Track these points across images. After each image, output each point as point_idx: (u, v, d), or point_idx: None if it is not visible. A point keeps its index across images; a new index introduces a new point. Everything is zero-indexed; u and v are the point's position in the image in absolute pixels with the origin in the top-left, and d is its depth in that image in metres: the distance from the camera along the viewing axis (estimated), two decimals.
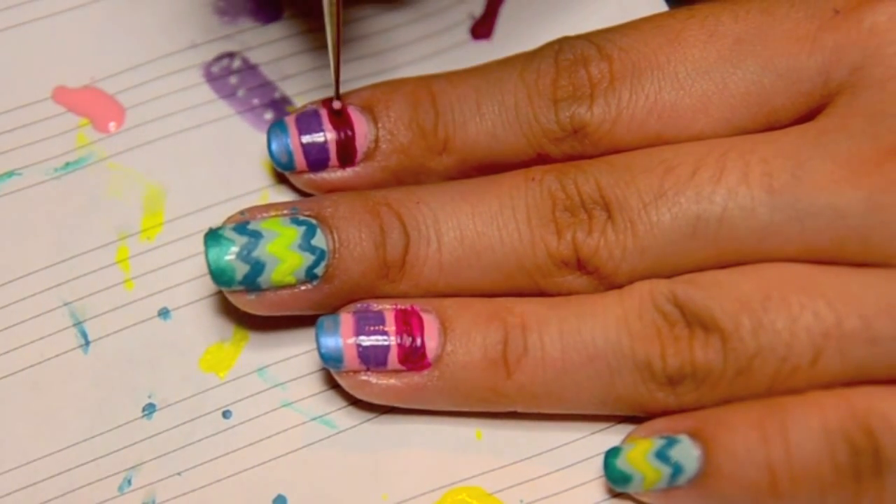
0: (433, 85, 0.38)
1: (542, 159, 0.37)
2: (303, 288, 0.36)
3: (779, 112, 0.36)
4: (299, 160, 0.38)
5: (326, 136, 0.37)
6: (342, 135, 0.37)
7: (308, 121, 0.38)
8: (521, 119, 0.37)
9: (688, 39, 0.36)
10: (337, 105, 0.37)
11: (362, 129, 0.37)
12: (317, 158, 0.38)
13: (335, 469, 0.36)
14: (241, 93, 0.40)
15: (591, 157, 0.36)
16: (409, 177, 0.38)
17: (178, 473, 0.36)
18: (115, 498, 0.36)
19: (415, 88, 0.38)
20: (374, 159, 0.37)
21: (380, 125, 0.37)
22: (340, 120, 0.37)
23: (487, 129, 0.37)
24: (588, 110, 0.36)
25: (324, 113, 0.38)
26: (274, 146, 0.38)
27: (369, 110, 0.38)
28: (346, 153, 0.37)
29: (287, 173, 0.38)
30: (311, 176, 0.38)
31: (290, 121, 0.38)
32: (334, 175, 0.38)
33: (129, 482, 0.36)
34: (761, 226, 0.34)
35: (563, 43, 0.37)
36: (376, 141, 0.37)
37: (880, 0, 0.35)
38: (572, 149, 0.37)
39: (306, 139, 0.37)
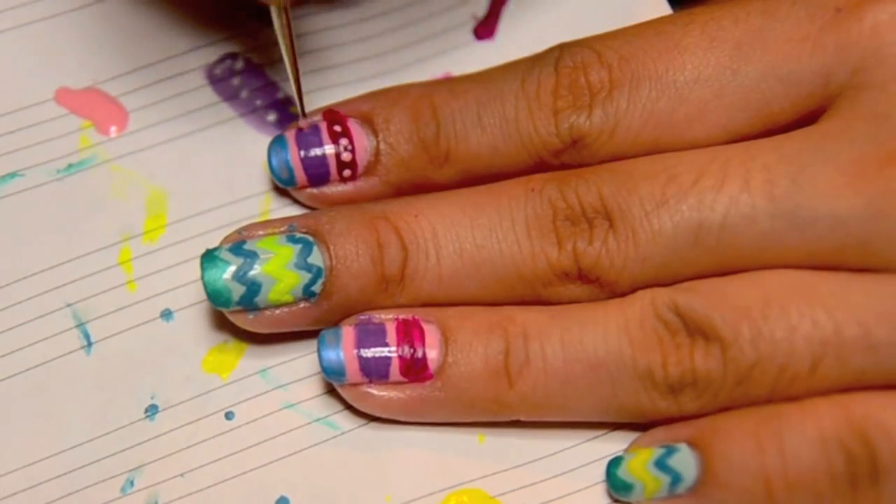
0: (434, 96, 0.37)
1: (541, 169, 0.37)
2: (301, 306, 0.36)
3: (778, 115, 0.35)
4: (300, 176, 0.38)
5: (326, 150, 0.37)
6: (342, 149, 0.37)
7: (307, 136, 0.37)
8: (521, 132, 0.36)
9: (688, 47, 0.36)
10: (304, 123, 0.37)
11: (362, 143, 0.37)
12: (317, 173, 0.37)
13: (338, 471, 0.37)
14: (244, 94, 0.40)
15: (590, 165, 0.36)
16: (411, 189, 0.37)
17: (181, 475, 0.36)
18: (117, 499, 0.36)
19: (415, 100, 0.37)
20: (376, 173, 0.37)
21: (380, 138, 0.37)
22: (340, 133, 0.37)
23: (489, 141, 0.37)
24: (587, 119, 0.36)
25: (323, 127, 0.37)
26: (274, 162, 0.38)
27: (369, 123, 0.37)
28: (347, 167, 0.37)
29: (289, 189, 0.38)
30: (313, 191, 0.38)
31: (289, 136, 0.38)
32: (336, 189, 0.38)
33: (132, 483, 0.36)
34: (762, 234, 0.34)
35: (564, 50, 0.37)
36: (377, 154, 0.37)
37: None
38: (571, 159, 0.36)
39: (306, 154, 0.37)
